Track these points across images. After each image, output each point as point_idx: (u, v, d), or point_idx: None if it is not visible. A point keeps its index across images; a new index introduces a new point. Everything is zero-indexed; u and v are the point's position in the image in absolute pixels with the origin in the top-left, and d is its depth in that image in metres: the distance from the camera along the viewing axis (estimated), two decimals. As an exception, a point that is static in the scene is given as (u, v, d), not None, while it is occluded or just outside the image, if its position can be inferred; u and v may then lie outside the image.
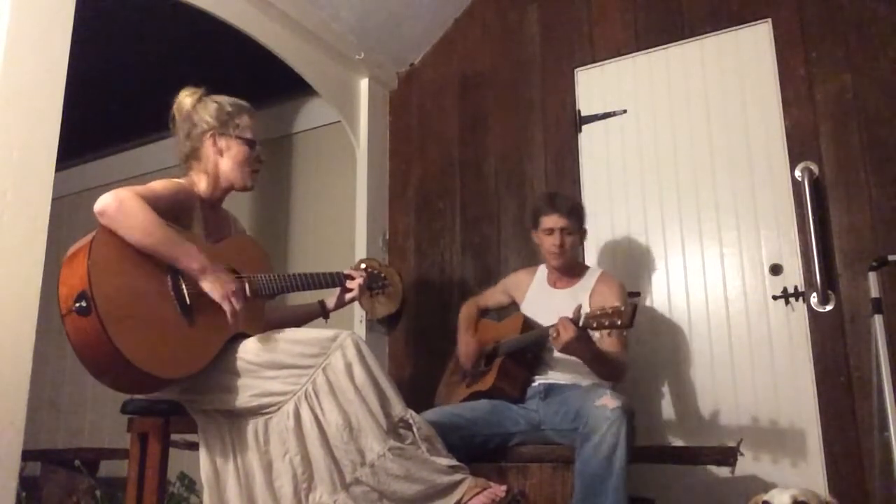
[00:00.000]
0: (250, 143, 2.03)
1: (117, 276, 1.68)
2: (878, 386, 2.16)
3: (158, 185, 1.86)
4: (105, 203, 1.71)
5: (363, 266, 2.36)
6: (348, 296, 2.24)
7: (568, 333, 2.09)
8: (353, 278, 2.23)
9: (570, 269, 2.60)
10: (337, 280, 2.22)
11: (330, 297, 2.29)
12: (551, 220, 2.51)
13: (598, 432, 2.05)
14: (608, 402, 2.10)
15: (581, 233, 2.59)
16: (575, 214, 2.53)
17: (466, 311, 2.80)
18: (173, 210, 1.82)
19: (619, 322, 2.00)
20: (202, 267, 1.80)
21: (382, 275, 2.44)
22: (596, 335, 2.18)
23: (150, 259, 1.76)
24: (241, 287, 1.88)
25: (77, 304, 1.60)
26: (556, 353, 2.42)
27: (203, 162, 2.01)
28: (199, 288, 1.81)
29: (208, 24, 2.81)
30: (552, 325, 2.20)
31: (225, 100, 2.05)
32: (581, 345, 2.15)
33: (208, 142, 2.00)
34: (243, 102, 2.07)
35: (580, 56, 3.31)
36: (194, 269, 1.79)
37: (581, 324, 2.08)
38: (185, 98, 2.04)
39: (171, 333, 1.74)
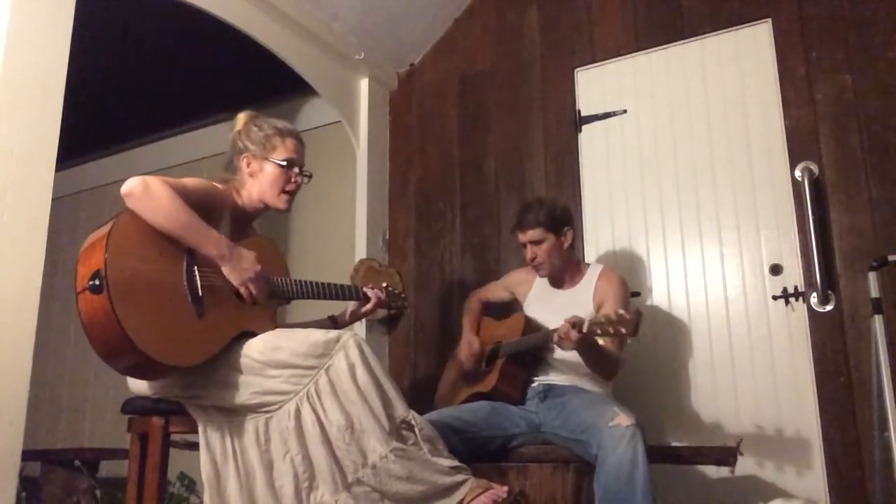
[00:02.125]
0: (282, 166, 2.05)
1: (133, 259, 1.71)
2: (878, 386, 2.16)
3: (189, 181, 1.90)
4: (132, 185, 1.74)
5: (385, 284, 2.36)
6: (364, 308, 2.27)
7: (570, 342, 2.10)
8: (368, 297, 2.26)
9: (566, 270, 2.58)
10: (354, 294, 2.24)
11: (341, 312, 2.31)
12: (518, 237, 2.53)
13: (615, 452, 2.03)
14: (622, 420, 2.10)
15: (561, 234, 2.51)
16: (542, 222, 2.47)
17: (470, 307, 2.79)
18: (201, 208, 1.84)
19: (623, 330, 1.98)
20: (222, 253, 1.83)
21: (403, 295, 2.45)
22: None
23: (168, 248, 1.77)
24: (261, 272, 1.90)
25: (91, 283, 1.63)
26: (557, 355, 2.42)
27: (239, 181, 2.08)
28: (213, 280, 1.83)
29: (208, 24, 2.81)
30: (554, 330, 2.20)
31: (268, 123, 2.09)
32: (585, 347, 2.15)
33: (243, 163, 2.06)
34: (286, 126, 2.10)
35: (580, 56, 3.31)
36: (215, 255, 1.82)
37: (585, 330, 2.06)
38: (239, 120, 2.11)
39: (178, 322, 1.75)
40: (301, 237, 3.85)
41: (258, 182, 2.05)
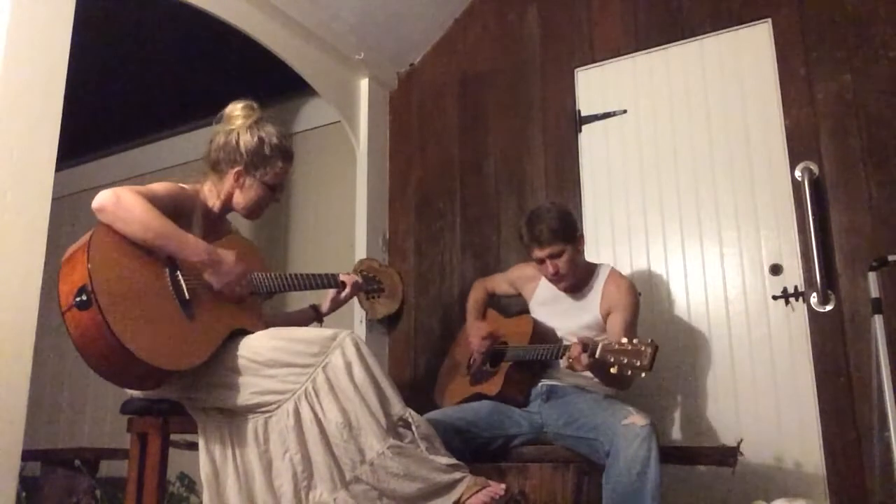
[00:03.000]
0: (271, 188, 2.05)
1: (116, 270, 1.70)
2: (878, 386, 2.16)
3: (157, 186, 1.89)
4: (103, 199, 1.73)
5: (362, 271, 2.37)
6: (343, 294, 2.25)
7: (580, 365, 2.06)
8: (345, 285, 2.25)
9: (580, 275, 2.53)
10: (332, 281, 2.23)
11: (323, 300, 2.31)
12: (536, 253, 2.42)
13: (628, 450, 2.03)
14: (637, 420, 2.09)
15: (576, 242, 2.45)
16: (558, 233, 2.37)
17: (476, 297, 2.77)
18: (171, 212, 1.84)
19: (637, 364, 1.93)
20: (202, 259, 1.82)
21: (377, 278, 2.45)
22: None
23: (147, 255, 1.77)
24: (243, 271, 1.90)
25: (77, 299, 1.62)
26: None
27: (220, 183, 2.04)
28: (197, 283, 1.83)
29: (208, 24, 2.82)
30: (566, 347, 2.19)
31: (271, 138, 2.02)
32: (597, 370, 2.13)
33: (232, 174, 2.01)
34: (286, 147, 2.06)
35: (580, 56, 3.31)
36: (196, 261, 1.81)
37: (598, 355, 2.02)
38: (238, 116, 2.03)
39: (171, 327, 1.75)
40: (301, 237, 3.86)
41: (242, 195, 2.03)
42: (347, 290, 2.24)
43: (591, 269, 2.57)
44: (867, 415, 2.41)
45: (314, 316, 2.29)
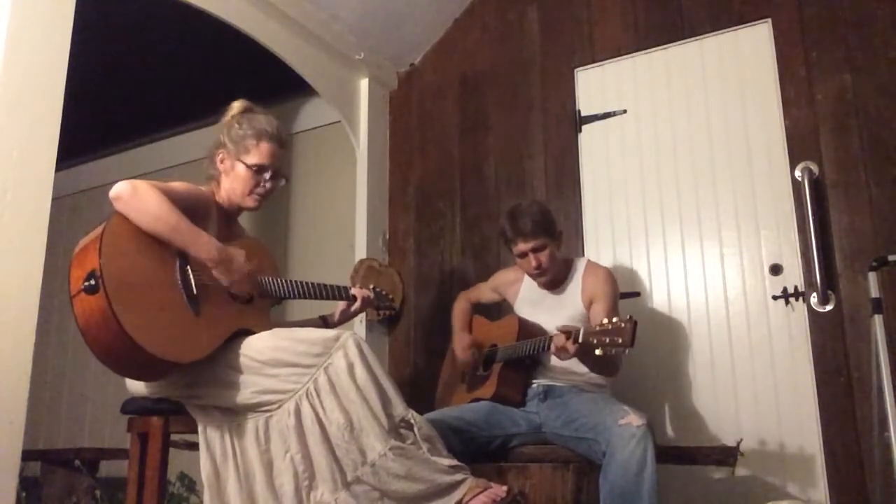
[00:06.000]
0: (252, 168, 2.04)
1: (127, 259, 1.72)
2: (878, 386, 2.16)
3: (176, 184, 1.91)
4: (120, 189, 1.75)
5: (372, 286, 2.37)
6: (353, 307, 2.27)
7: (567, 353, 2.07)
8: (356, 298, 2.26)
9: (558, 271, 2.54)
10: (343, 294, 2.24)
11: (331, 312, 2.32)
12: (520, 246, 2.42)
13: (624, 450, 2.03)
14: (633, 419, 2.09)
15: (556, 238, 2.47)
16: (541, 227, 2.39)
17: (459, 308, 2.79)
18: (188, 211, 1.85)
19: (619, 341, 1.94)
20: (211, 256, 1.83)
21: (391, 296, 2.45)
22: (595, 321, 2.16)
23: (160, 248, 1.78)
24: (251, 270, 1.91)
25: (86, 283, 1.63)
26: (553, 359, 2.42)
27: (215, 175, 2.08)
28: (205, 279, 1.84)
29: (208, 24, 2.82)
30: (550, 337, 2.20)
31: (250, 123, 2.05)
32: (583, 356, 2.13)
33: (217, 158, 2.06)
34: (265, 128, 2.06)
35: (580, 56, 3.31)
36: (204, 258, 1.82)
37: (581, 340, 2.03)
38: (231, 108, 2.10)
39: (176, 319, 1.76)
40: (301, 237, 3.86)
41: (229, 179, 2.05)
42: (358, 304, 2.26)
43: (568, 264, 2.58)
44: (867, 415, 2.41)
45: (322, 328, 2.29)
